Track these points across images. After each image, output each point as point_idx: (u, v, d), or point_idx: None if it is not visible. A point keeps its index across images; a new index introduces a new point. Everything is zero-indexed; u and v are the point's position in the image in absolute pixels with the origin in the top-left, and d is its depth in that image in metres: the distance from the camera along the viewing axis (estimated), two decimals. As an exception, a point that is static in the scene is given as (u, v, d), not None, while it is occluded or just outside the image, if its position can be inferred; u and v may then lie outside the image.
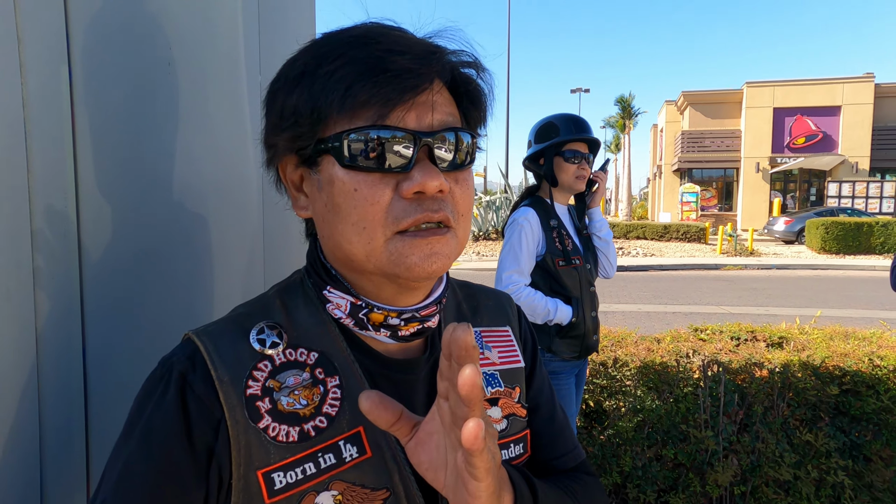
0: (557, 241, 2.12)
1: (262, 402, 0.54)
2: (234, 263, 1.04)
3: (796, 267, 13.55)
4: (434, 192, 0.53)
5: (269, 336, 0.58)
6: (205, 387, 0.54)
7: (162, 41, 0.84)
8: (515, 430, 0.69)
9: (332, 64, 0.52)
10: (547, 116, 2.24)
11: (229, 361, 0.55)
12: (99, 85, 0.75)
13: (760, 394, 2.59)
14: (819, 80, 24.97)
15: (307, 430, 0.55)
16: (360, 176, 0.53)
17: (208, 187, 0.95)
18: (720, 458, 2.53)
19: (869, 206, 21.73)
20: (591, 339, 2.16)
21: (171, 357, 0.56)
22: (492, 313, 0.75)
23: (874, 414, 2.57)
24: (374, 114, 0.52)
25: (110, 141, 0.77)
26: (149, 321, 0.82)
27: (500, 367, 0.70)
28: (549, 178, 2.18)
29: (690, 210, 25.45)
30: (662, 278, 11.75)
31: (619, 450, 2.56)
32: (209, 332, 0.58)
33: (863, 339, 3.06)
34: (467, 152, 0.57)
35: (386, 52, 0.51)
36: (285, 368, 0.57)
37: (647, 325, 7.04)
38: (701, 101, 27.39)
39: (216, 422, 0.53)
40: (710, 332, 3.15)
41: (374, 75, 0.51)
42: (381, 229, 0.53)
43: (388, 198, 0.53)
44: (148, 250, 0.82)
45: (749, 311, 8.13)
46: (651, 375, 2.63)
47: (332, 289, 0.61)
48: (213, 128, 0.96)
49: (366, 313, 0.59)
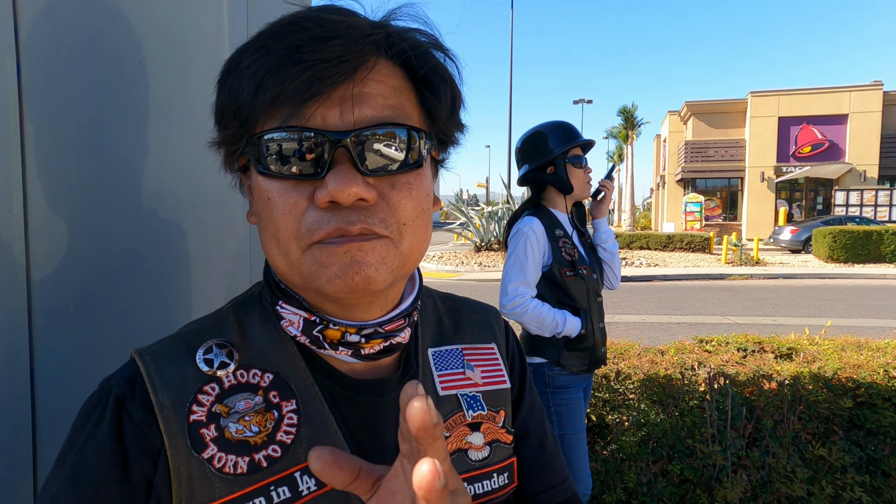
0: (564, 251, 2.05)
1: (207, 430, 0.49)
2: (215, 273, 0.98)
3: (803, 276, 13.40)
4: (350, 201, 0.45)
5: (218, 356, 0.52)
6: (144, 413, 0.48)
7: (131, 37, 0.79)
8: (499, 458, 0.62)
9: (251, 57, 0.47)
10: (532, 128, 2.19)
11: (172, 384, 0.50)
12: (54, 80, 0.70)
13: (770, 407, 2.51)
14: (825, 89, 24.92)
15: (258, 460, 0.49)
16: (273, 183, 0.48)
17: (188, 192, 0.89)
18: (729, 474, 2.44)
19: (878, 215, 21.51)
20: (600, 351, 2.09)
21: (110, 380, 0.51)
22: (476, 329, 0.68)
23: (892, 427, 2.48)
24: (285, 111, 0.46)
25: (65, 143, 0.71)
26: (111, 338, 0.76)
27: (483, 389, 0.63)
28: (564, 185, 2.11)
29: (694, 220, 25.32)
30: (667, 288, 11.64)
31: (624, 465, 2.47)
32: (152, 352, 0.52)
33: (877, 349, 2.97)
34: (412, 151, 0.49)
35: (308, 40, 0.45)
36: (235, 392, 0.51)
37: (651, 336, 6.94)
38: (704, 110, 27.37)
39: (156, 452, 0.48)
40: (715, 344, 3.07)
41: (287, 66, 0.44)
42: (296, 242, 0.47)
43: (303, 207, 0.47)
44: (110, 262, 0.76)
45: (755, 322, 8.01)
46: (655, 388, 2.55)
47: (285, 303, 0.54)
48: (196, 128, 0.91)
49: (321, 330, 0.53)
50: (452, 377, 0.62)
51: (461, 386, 0.62)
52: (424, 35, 0.51)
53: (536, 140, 2.14)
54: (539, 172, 2.15)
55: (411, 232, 0.50)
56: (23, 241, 0.67)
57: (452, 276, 13.24)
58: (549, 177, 2.13)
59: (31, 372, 0.68)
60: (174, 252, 0.88)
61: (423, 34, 0.51)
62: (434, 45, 0.51)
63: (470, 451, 0.59)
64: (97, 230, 0.75)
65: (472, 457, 0.59)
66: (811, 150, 24.86)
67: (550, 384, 2.03)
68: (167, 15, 0.84)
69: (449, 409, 0.60)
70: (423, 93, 0.51)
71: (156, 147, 0.83)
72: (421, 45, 0.50)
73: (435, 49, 0.51)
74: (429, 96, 0.51)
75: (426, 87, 0.51)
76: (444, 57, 0.52)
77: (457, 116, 0.55)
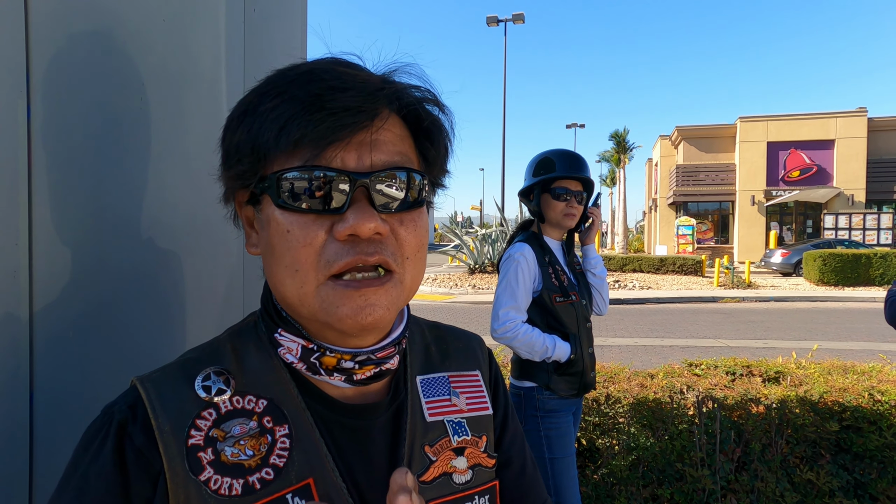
0: (553, 277, 2.09)
1: (205, 453, 0.51)
2: (209, 300, 1.01)
3: (794, 299, 13.50)
4: (369, 234, 0.51)
5: (216, 383, 0.55)
6: (145, 438, 0.51)
7: (134, 77, 0.83)
8: (481, 482, 0.65)
9: (272, 101, 0.51)
10: (545, 151, 2.24)
11: (172, 410, 0.53)
12: (61, 120, 0.74)
13: (758, 430, 2.53)
14: (812, 115, 25.39)
15: (252, 482, 0.52)
16: (293, 217, 0.52)
17: (184, 223, 0.93)
18: (718, 499, 2.45)
19: (867, 238, 21.80)
20: (589, 376, 2.11)
21: (112, 406, 0.54)
22: (461, 356, 0.72)
23: (878, 451, 2.50)
24: (308, 153, 0.51)
25: (69, 178, 0.75)
26: (109, 363, 0.79)
27: (467, 415, 0.67)
28: (537, 213, 2.18)
29: (687, 243, 25.51)
30: (659, 311, 11.68)
31: (614, 490, 2.48)
32: (153, 379, 0.55)
33: (862, 373, 3.01)
34: (416, 192, 0.55)
35: (327, 90, 0.50)
36: (231, 417, 0.54)
37: (643, 359, 6.95)
38: (695, 135, 27.77)
39: (155, 475, 0.50)
40: (704, 367, 3.10)
41: (311, 113, 0.49)
42: (314, 273, 0.52)
43: (322, 240, 0.51)
44: (110, 289, 0.79)
45: (748, 345, 8.05)
46: (645, 412, 2.57)
47: (284, 331, 0.58)
48: (191, 163, 0.95)
49: (318, 357, 0.56)
50: (439, 403, 0.65)
51: (447, 412, 0.65)
52: (425, 91, 0.57)
53: (539, 164, 2.21)
54: (524, 197, 2.24)
55: (413, 265, 0.56)
56: (27, 270, 0.70)
57: (446, 299, 13.24)
58: (529, 202, 2.22)
59: (30, 396, 0.70)
60: (171, 280, 0.91)
61: (423, 90, 0.56)
62: (434, 101, 0.57)
63: (454, 474, 0.62)
64: (97, 260, 0.78)
65: (455, 480, 0.62)
66: (800, 174, 25.22)
67: (540, 408, 2.05)
68: (167, 55, 0.89)
69: (436, 435, 0.63)
70: (421, 142, 0.58)
71: (154, 180, 0.86)
72: (425, 101, 0.56)
73: (433, 105, 0.57)
74: (427, 146, 0.58)
75: (426, 137, 0.58)
76: (440, 112, 0.58)
77: (447, 164, 0.62)
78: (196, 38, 0.96)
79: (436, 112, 0.58)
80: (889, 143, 24.84)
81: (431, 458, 0.61)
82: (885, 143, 24.84)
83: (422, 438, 0.62)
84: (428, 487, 0.60)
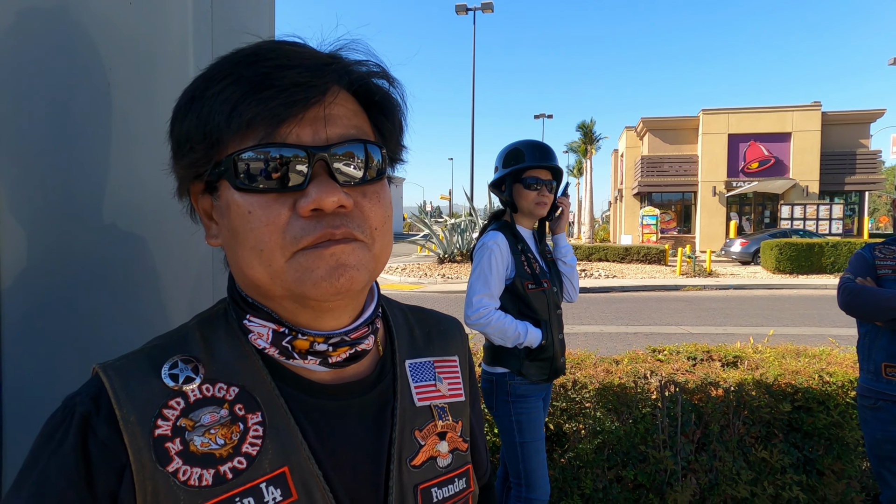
0: (526, 265, 2.13)
1: (172, 444, 0.50)
2: (178, 286, 1.00)
3: (752, 287, 13.98)
4: (332, 207, 0.50)
5: (184, 371, 0.54)
6: (109, 429, 0.49)
7: (98, 57, 0.81)
8: (459, 465, 0.66)
9: (218, 84, 0.50)
10: (514, 142, 2.26)
11: (138, 400, 0.51)
12: (20, 99, 0.72)
13: (717, 413, 2.63)
14: (770, 108, 26.17)
15: (223, 472, 0.51)
16: (253, 198, 0.51)
17: (154, 208, 0.91)
18: (679, 478, 2.55)
19: (819, 228, 22.77)
20: (559, 362, 2.17)
21: (74, 397, 0.52)
22: (443, 341, 0.73)
23: (825, 429, 2.64)
24: (262, 132, 0.50)
25: (32, 159, 0.73)
26: (76, 349, 0.78)
27: (448, 401, 0.68)
28: (510, 203, 2.21)
29: (651, 233, 26.09)
30: (624, 299, 11.95)
31: (580, 472, 2.55)
32: (117, 368, 0.53)
33: (813, 356, 3.16)
34: (376, 165, 0.55)
35: (275, 68, 0.49)
36: (201, 405, 0.53)
37: (609, 346, 7.12)
38: (659, 127, 28.32)
39: (121, 467, 0.49)
40: (667, 353, 3.20)
41: (260, 91, 0.49)
42: (280, 250, 0.51)
43: (286, 217, 0.51)
44: (75, 274, 0.78)
45: (708, 331, 8.31)
46: (610, 397, 2.64)
47: (253, 317, 0.57)
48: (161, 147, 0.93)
49: (290, 340, 0.56)
50: (426, 389, 0.66)
51: (434, 398, 0.66)
52: (374, 65, 0.56)
53: (509, 154, 2.23)
54: (496, 188, 2.26)
55: (381, 236, 0.55)
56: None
57: (416, 288, 13.24)
58: (500, 193, 2.25)
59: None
60: (138, 266, 0.90)
61: (373, 65, 0.56)
62: (383, 75, 0.57)
63: (438, 458, 0.63)
64: (63, 248, 0.77)
65: (439, 463, 0.63)
66: (758, 165, 26.02)
67: (512, 393, 2.09)
68: (134, 36, 0.87)
69: (424, 420, 0.64)
70: (376, 116, 0.57)
71: (121, 164, 0.85)
72: (374, 75, 0.56)
73: (384, 79, 0.57)
74: (382, 119, 0.58)
75: (380, 112, 0.57)
76: (391, 86, 0.58)
77: (403, 138, 0.62)
78: (163, 20, 0.94)
79: (386, 86, 0.57)
80: (841, 137, 25.84)
81: (420, 443, 0.62)
82: (837, 136, 25.82)
83: (411, 423, 0.62)
84: (417, 471, 0.61)
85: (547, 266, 2.25)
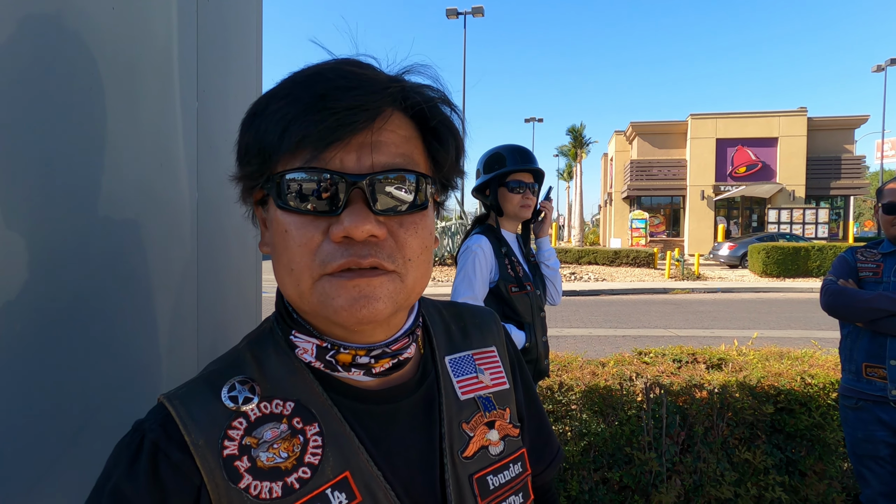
0: (510, 268, 2.15)
1: (241, 462, 0.52)
2: (161, 290, 1.00)
3: (740, 290, 14.12)
4: (363, 237, 0.51)
5: (242, 392, 0.56)
6: (181, 454, 0.52)
7: (82, 60, 0.81)
8: (512, 450, 0.68)
9: (278, 103, 0.52)
10: (494, 147, 2.28)
11: (203, 423, 0.53)
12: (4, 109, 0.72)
13: (701, 415, 2.66)
14: (757, 113, 26.52)
15: (290, 483, 0.53)
16: (291, 217, 0.53)
17: (138, 212, 0.92)
18: (664, 480, 2.57)
19: (806, 232, 23.09)
20: (543, 364, 2.18)
21: (142, 423, 0.54)
22: (479, 333, 0.74)
23: (807, 430, 2.68)
24: (308, 154, 0.51)
25: (17, 168, 0.73)
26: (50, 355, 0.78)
27: (493, 390, 0.69)
28: (495, 208, 2.23)
29: (640, 236, 26.30)
30: (613, 302, 12.02)
31: (566, 474, 2.57)
32: (180, 396, 0.55)
33: (795, 358, 3.20)
34: (417, 195, 0.54)
35: (331, 90, 0.50)
36: (262, 423, 0.55)
37: (597, 349, 7.16)
38: (648, 131, 28.58)
39: (195, 489, 0.51)
40: (653, 356, 3.23)
41: (312, 113, 0.50)
42: (308, 272, 0.52)
43: (318, 241, 0.52)
44: (58, 279, 0.78)
45: (696, 334, 8.39)
46: (596, 399, 2.66)
47: (297, 333, 0.59)
48: (145, 151, 0.93)
49: (333, 355, 0.57)
50: (468, 382, 0.68)
51: (477, 389, 0.68)
52: (435, 91, 0.56)
53: (490, 159, 2.26)
54: (480, 192, 2.28)
55: (415, 267, 0.56)
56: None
57: (405, 291, 13.23)
58: (485, 198, 2.27)
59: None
60: (120, 267, 0.90)
61: (433, 90, 0.56)
62: (444, 100, 0.57)
63: (490, 447, 0.65)
64: (47, 250, 0.77)
65: (492, 452, 0.65)
66: (746, 170, 26.34)
67: (496, 396, 2.11)
68: (118, 40, 0.87)
69: (470, 412, 0.65)
70: (430, 142, 0.57)
71: (104, 168, 0.85)
72: (432, 100, 0.56)
73: (444, 104, 0.57)
74: (436, 146, 0.57)
75: (434, 138, 0.57)
76: (451, 112, 0.58)
77: (460, 164, 0.62)
78: (147, 25, 0.95)
79: (445, 112, 0.57)
80: (826, 142, 26.23)
81: (469, 434, 0.64)
82: (822, 141, 26.22)
83: (458, 416, 0.64)
84: (470, 462, 0.62)
85: (530, 269, 2.27)
